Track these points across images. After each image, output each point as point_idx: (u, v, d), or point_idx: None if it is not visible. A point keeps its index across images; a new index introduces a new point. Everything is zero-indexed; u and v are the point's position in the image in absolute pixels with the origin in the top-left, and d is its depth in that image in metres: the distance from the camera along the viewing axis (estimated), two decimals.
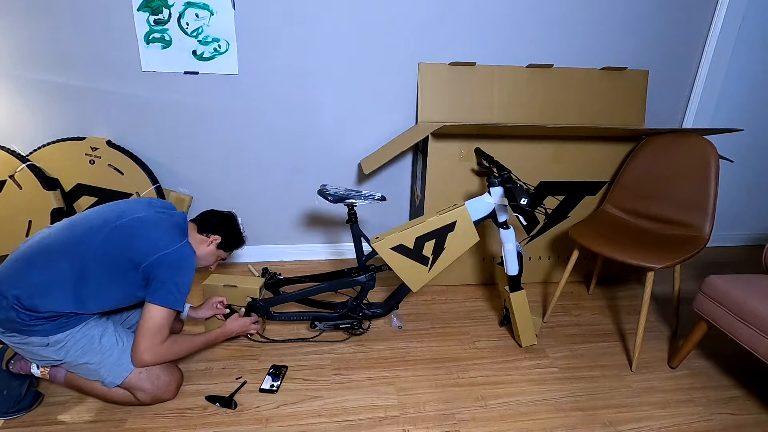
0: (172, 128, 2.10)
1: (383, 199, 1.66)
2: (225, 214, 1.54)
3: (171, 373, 1.39)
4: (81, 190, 2.02)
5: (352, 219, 1.67)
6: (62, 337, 1.23)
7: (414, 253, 1.57)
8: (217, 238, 1.47)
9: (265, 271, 1.95)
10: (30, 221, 1.91)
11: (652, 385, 1.56)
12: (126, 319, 1.50)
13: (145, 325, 1.27)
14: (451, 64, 2.09)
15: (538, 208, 2.05)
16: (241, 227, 1.58)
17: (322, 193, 1.64)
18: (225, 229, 1.49)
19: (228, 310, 1.64)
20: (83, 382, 1.31)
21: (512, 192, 1.43)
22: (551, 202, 2.10)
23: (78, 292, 1.21)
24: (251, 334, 1.69)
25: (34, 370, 1.32)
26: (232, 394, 1.44)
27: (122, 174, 2.02)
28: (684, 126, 2.46)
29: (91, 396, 1.38)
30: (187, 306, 1.61)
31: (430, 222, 1.54)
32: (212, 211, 1.53)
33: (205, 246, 1.45)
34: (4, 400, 1.30)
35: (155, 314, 1.27)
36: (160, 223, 1.33)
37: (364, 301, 1.77)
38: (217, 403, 1.39)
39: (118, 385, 1.29)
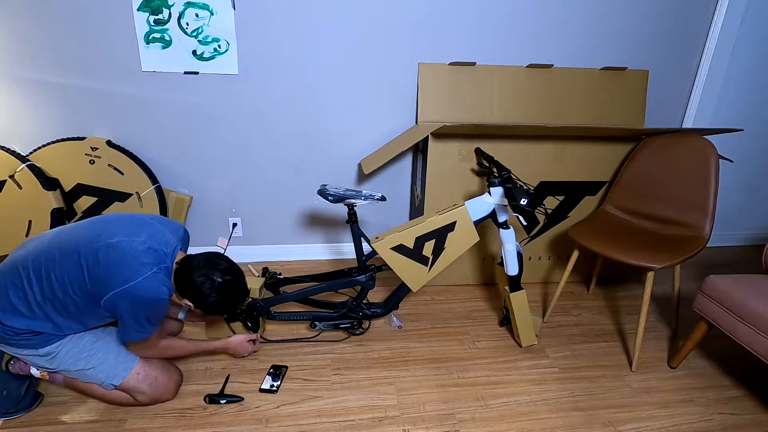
0: (172, 128, 2.10)
1: (383, 199, 1.66)
2: (215, 277, 1.25)
3: (169, 373, 1.39)
4: (81, 190, 2.02)
5: (352, 219, 1.67)
6: (52, 349, 1.22)
7: (414, 253, 1.57)
8: (187, 303, 1.29)
9: (265, 271, 1.95)
10: (30, 221, 1.91)
11: (652, 385, 1.56)
12: None
13: (125, 344, 1.31)
14: (451, 64, 2.09)
15: (538, 208, 2.05)
16: (236, 294, 1.31)
17: (322, 193, 1.64)
18: (196, 297, 1.26)
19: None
20: (82, 383, 1.31)
21: (512, 192, 1.43)
22: (551, 202, 2.10)
23: (53, 317, 1.19)
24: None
25: (34, 371, 1.32)
26: (222, 390, 1.44)
27: (122, 174, 2.02)
28: (684, 126, 2.46)
29: (90, 397, 1.38)
30: (186, 307, 1.61)
31: (430, 222, 1.54)
32: (193, 263, 1.26)
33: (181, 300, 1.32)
34: (3, 401, 1.29)
35: (129, 345, 1.30)
36: (129, 251, 1.17)
37: (364, 301, 1.77)
38: (223, 401, 1.40)
39: (116, 387, 1.29)
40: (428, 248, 1.57)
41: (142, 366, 1.33)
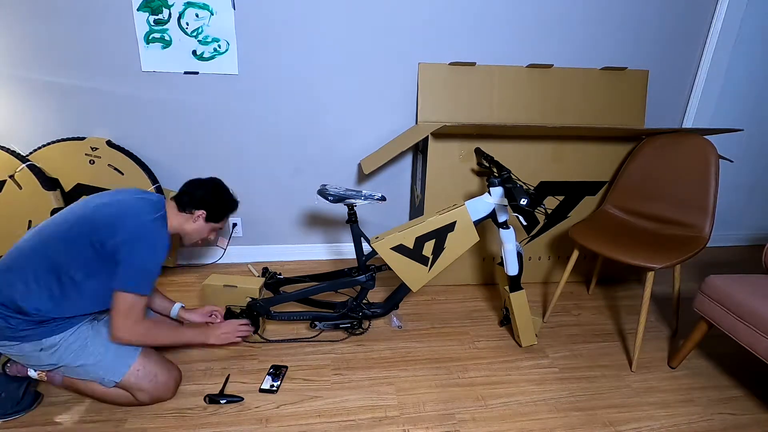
0: (172, 128, 2.10)
1: (383, 199, 1.66)
2: (207, 183, 1.44)
3: (169, 372, 1.39)
4: (81, 190, 2.02)
5: (352, 219, 1.67)
6: (55, 341, 1.22)
7: (414, 253, 1.56)
8: (202, 213, 1.41)
9: (265, 271, 1.95)
10: (30, 221, 1.91)
11: (652, 385, 1.56)
12: None
13: (115, 308, 1.23)
14: (451, 64, 2.09)
15: (538, 208, 2.05)
16: (231, 191, 1.49)
17: (322, 193, 1.64)
18: (209, 200, 1.41)
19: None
20: (81, 383, 1.31)
21: (512, 192, 1.43)
22: (551, 202, 2.10)
23: (59, 293, 1.20)
24: (245, 338, 1.66)
25: (31, 373, 1.31)
26: (222, 390, 1.44)
27: (122, 174, 2.02)
28: (684, 126, 2.46)
29: (89, 397, 1.38)
30: (178, 305, 1.60)
31: (430, 222, 1.54)
32: (192, 182, 1.43)
33: (191, 223, 1.41)
34: (3, 402, 1.29)
35: (121, 299, 1.22)
36: (125, 204, 1.27)
37: (364, 301, 1.77)
38: (223, 401, 1.40)
39: (116, 384, 1.29)
40: (428, 248, 1.57)
41: (141, 362, 1.32)
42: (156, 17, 1.91)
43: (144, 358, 1.34)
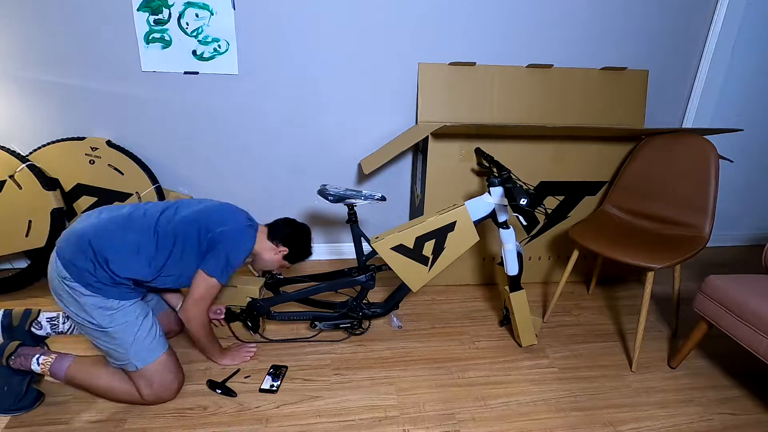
0: (172, 128, 2.10)
1: (383, 199, 1.66)
2: (300, 227, 1.59)
3: (176, 374, 1.40)
4: (81, 190, 2.02)
5: (352, 219, 1.67)
6: (116, 305, 1.29)
7: (414, 252, 1.57)
8: (285, 250, 1.54)
9: (265, 271, 1.95)
10: (30, 221, 1.91)
11: (652, 385, 1.56)
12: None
13: (194, 288, 1.38)
14: (451, 64, 2.09)
15: (538, 208, 2.05)
16: (311, 242, 1.63)
17: (322, 193, 1.64)
18: (295, 242, 1.55)
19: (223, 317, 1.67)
20: (85, 376, 1.33)
21: (512, 192, 1.43)
22: (551, 202, 2.10)
23: (156, 261, 1.32)
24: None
25: (35, 366, 1.32)
26: (225, 381, 1.48)
27: (122, 174, 2.02)
28: (684, 126, 2.46)
29: (90, 392, 1.38)
30: None
31: (430, 222, 1.54)
32: (289, 220, 1.59)
33: (272, 253, 1.53)
34: (5, 397, 1.30)
35: (203, 282, 1.36)
36: (236, 211, 1.48)
37: (364, 301, 1.77)
38: (218, 390, 1.43)
39: (136, 369, 1.31)
40: (428, 248, 1.57)
41: (166, 357, 1.36)
42: (156, 17, 1.91)
43: (169, 355, 1.38)
